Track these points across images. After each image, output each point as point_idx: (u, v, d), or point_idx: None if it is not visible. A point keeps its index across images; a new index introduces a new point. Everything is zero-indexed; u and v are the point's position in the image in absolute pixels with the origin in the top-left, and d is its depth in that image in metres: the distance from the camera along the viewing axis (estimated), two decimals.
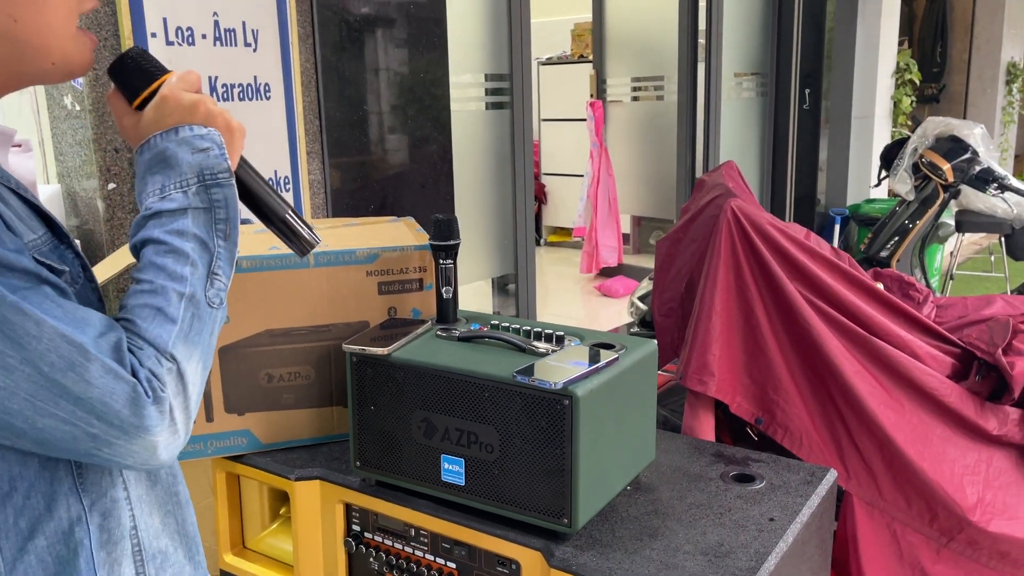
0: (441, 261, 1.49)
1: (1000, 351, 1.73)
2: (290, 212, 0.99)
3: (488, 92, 3.44)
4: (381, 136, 2.63)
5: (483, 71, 3.40)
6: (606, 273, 5.40)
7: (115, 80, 0.93)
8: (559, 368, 1.25)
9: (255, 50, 2.19)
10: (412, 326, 1.47)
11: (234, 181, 0.89)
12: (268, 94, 2.25)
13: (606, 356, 1.29)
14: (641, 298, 3.06)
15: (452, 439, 1.31)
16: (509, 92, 3.47)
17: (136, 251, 0.86)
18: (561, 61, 6.54)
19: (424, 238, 1.61)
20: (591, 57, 5.66)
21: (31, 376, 0.72)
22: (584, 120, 5.46)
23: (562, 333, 1.41)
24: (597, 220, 5.27)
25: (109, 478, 0.86)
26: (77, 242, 0.95)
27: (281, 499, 1.67)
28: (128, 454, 0.77)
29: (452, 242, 1.49)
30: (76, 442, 0.75)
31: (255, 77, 2.21)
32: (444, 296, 1.50)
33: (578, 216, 5.54)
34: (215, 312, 0.85)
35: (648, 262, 5.56)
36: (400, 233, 1.67)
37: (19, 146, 0.97)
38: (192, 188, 0.85)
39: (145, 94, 0.90)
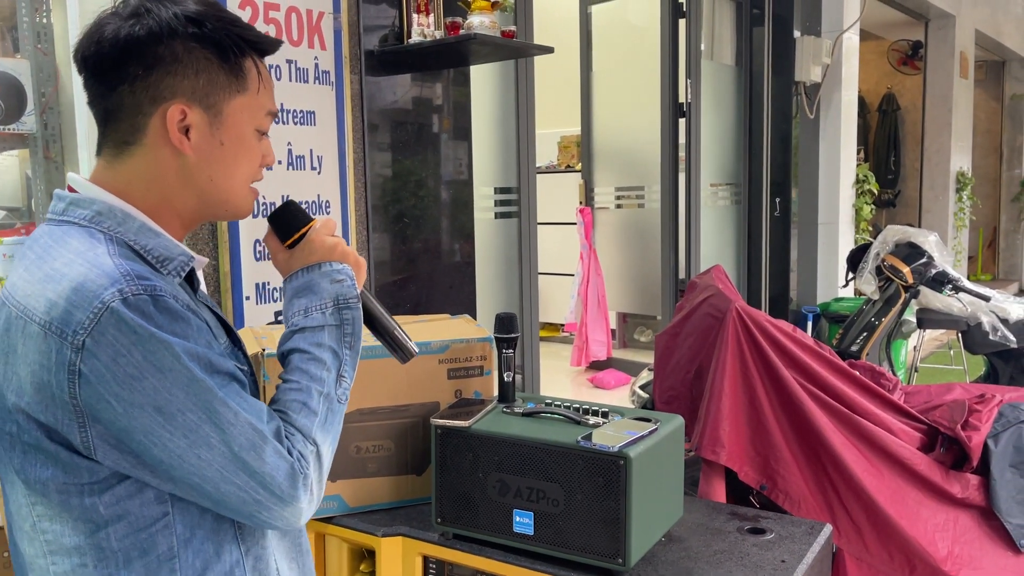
0: (504, 351, 1.81)
1: (959, 427, 2.07)
2: (398, 329, 1.23)
3: (498, 203, 3.83)
4: (417, 244, 2.99)
5: (493, 184, 3.80)
6: (596, 366, 5.71)
7: (272, 224, 1.15)
8: (613, 435, 1.56)
9: (319, 173, 2.56)
10: (480, 405, 1.77)
11: (360, 305, 1.10)
12: (328, 209, 2.60)
13: (647, 427, 1.61)
14: (643, 387, 3.37)
15: (523, 496, 1.60)
16: (517, 203, 3.86)
17: (283, 358, 1.07)
18: (550, 170, 7.02)
19: (483, 332, 1.93)
20: (577, 167, 6.11)
21: (225, 453, 0.92)
22: (573, 224, 5.87)
23: (607, 410, 1.73)
24: (587, 316, 5.62)
25: (261, 531, 1.06)
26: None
27: (358, 558, 1.92)
28: (279, 518, 0.97)
29: (513, 335, 1.81)
30: (244, 505, 0.94)
31: (318, 195, 2.56)
32: (505, 379, 1.81)
33: (570, 312, 5.88)
34: (342, 407, 1.06)
35: (634, 356, 5.90)
36: (463, 328, 2.00)
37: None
38: (329, 310, 1.06)
39: (295, 236, 1.13)
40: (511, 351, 1.81)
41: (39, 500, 0.94)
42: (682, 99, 5.10)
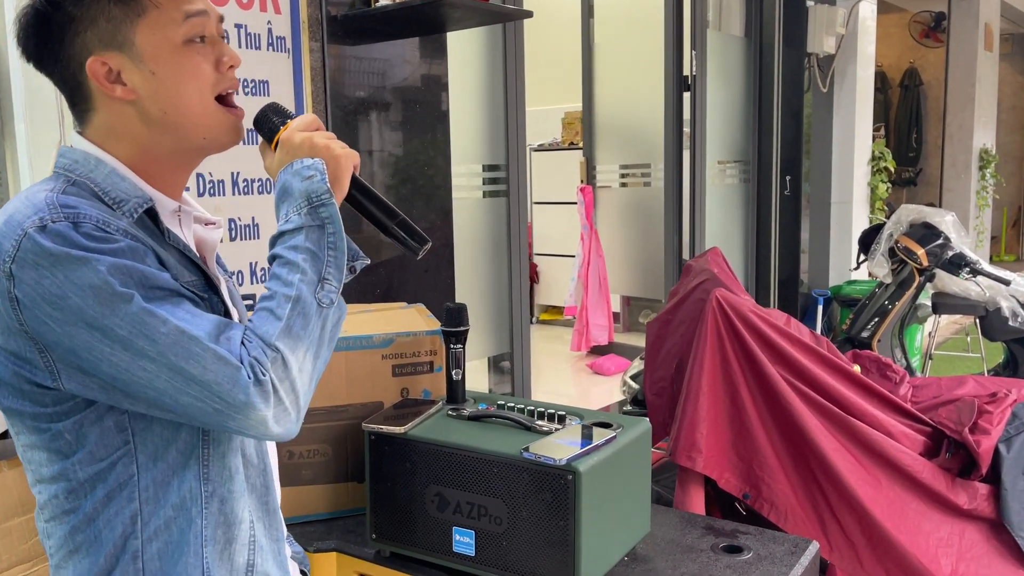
0: (452, 346, 1.62)
1: (967, 430, 1.86)
2: (405, 217, 1.15)
3: (486, 181, 3.63)
4: None
5: (481, 162, 3.60)
6: (597, 351, 5.53)
7: (257, 130, 1.14)
8: (562, 446, 1.37)
9: None
10: (424, 406, 1.59)
11: (335, 199, 1.05)
12: None
13: (605, 435, 1.42)
14: (633, 377, 3.19)
15: (463, 512, 1.42)
16: (506, 181, 3.66)
17: (269, 264, 1.06)
18: (552, 148, 6.80)
19: (434, 323, 1.75)
20: (581, 144, 5.90)
21: (166, 364, 0.92)
22: (575, 204, 5.67)
23: (563, 413, 1.53)
24: (588, 299, 5.43)
25: (228, 473, 1.06)
26: (225, 292, 1.16)
27: None
28: (247, 426, 0.95)
29: (462, 328, 1.62)
30: (207, 416, 0.94)
31: None
32: (454, 378, 1.63)
33: (569, 296, 5.69)
34: (326, 311, 1.02)
35: (637, 340, 5.69)
36: (412, 319, 1.81)
37: (213, 223, 1.16)
38: (304, 210, 1.03)
39: (275, 140, 1.11)
40: (460, 346, 1.63)
41: (22, 430, 1.02)
42: (687, 72, 4.87)
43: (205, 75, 1.05)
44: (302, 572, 1.39)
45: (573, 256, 5.77)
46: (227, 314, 1.10)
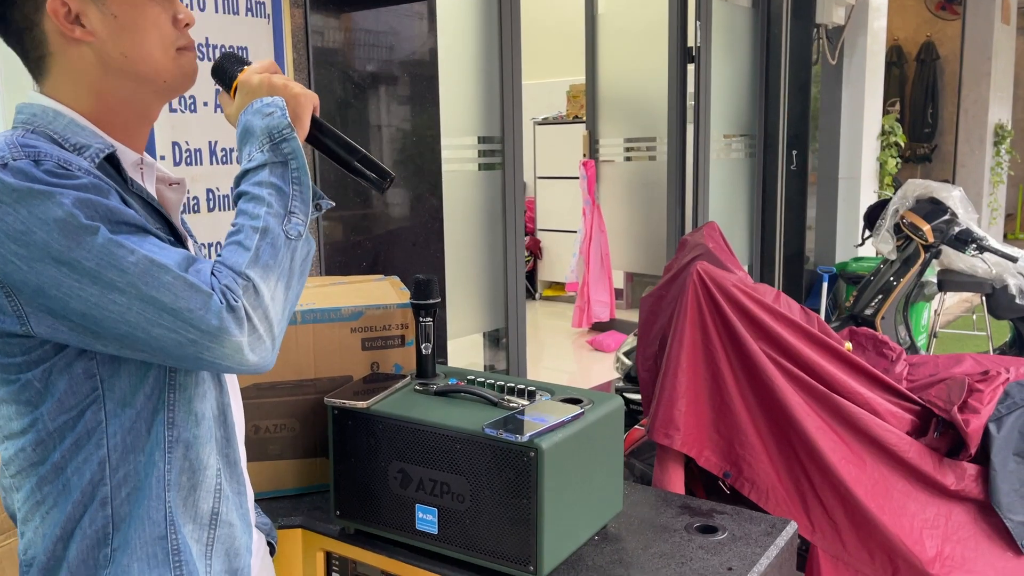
0: (421, 319, 1.57)
1: (956, 409, 1.80)
2: (365, 153, 1.16)
3: (481, 153, 3.57)
4: (374, 195, 2.75)
5: (476, 133, 3.53)
6: (598, 328, 5.48)
7: (216, 80, 1.14)
8: (526, 422, 1.32)
9: None
10: (392, 381, 1.55)
11: (296, 134, 1.05)
12: None
13: (572, 411, 1.37)
14: (626, 353, 3.14)
15: (426, 489, 1.38)
16: (501, 153, 3.60)
17: (234, 203, 1.05)
18: (556, 121, 6.72)
19: (407, 296, 1.70)
20: (584, 117, 5.82)
21: (137, 295, 0.91)
22: (577, 178, 5.60)
23: (534, 388, 1.49)
24: (589, 275, 5.37)
25: (194, 420, 1.05)
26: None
27: None
28: (223, 356, 0.94)
29: (431, 301, 1.57)
30: (182, 348, 0.93)
31: None
32: (423, 352, 1.58)
33: (571, 271, 5.64)
34: (294, 243, 1.02)
35: None
36: (384, 292, 1.76)
37: (177, 183, 1.16)
38: (266, 147, 1.03)
39: (234, 86, 1.11)
40: (430, 319, 1.58)
41: None
42: (691, 43, 4.77)
43: (164, 27, 1.06)
44: (268, 544, 1.37)
45: (576, 232, 5.71)
46: None
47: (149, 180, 1.11)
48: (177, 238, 1.08)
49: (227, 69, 1.13)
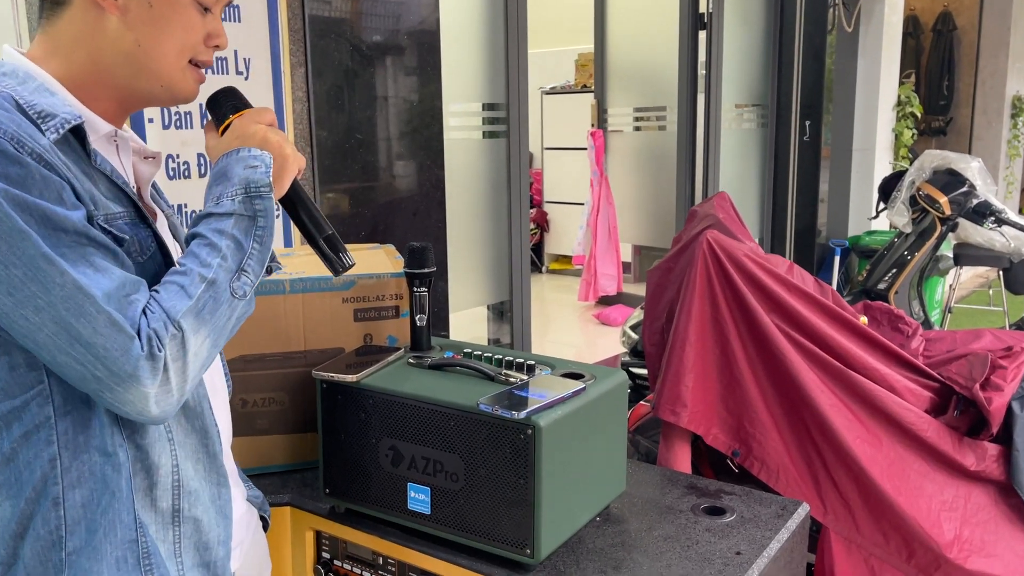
0: (415, 289, 1.50)
1: (978, 386, 1.72)
2: (334, 234, 1.13)
3: (486, 121, 3.47)
4: (373, 164, 2.66)
5: (481, 100, 3.44)
6: (605, 301, 5.40)
7: (209, 109, 1.11)
8: (524, 398, 1.25)
9: (247, 78, 2.23)
10: (385, 353, 1.48)
11: (273, 195, 1.03)
12: None
13: (572, 386, 1.30)
14: (633, 327, 3.06)
15: (419, 468, 1.31)
16: (506, 121, 3.50)
17: (187, 243, 1.00)
18: (564, 91, 6.59)
19: (401, 265, 1.62)
20: (593, 87, 5.70)
21: (54, 318, 0.86)
22: (585, 149, 5.49)
23: (533, 362, 1.41)
24: (596, 248, 5.28)
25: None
26: (164, 225, 1.11)
27: None
28: (125, 401, 0.89)
29: (426, 270, 1.50)
30: (85, 382, 0.89)
31: None
32: (418, 324, 1.51)
33: (577, 244, 5.55)
34: (237, 302, 0.98)
35: None
36: (378, 260, 1.69)
37: (152, 157, 1.12)
38: (239, 198, 1.00)
39: (226, 124, 1.08)
40: (425, 290, 1.51)
41: None
42: (703, 9, 4.64)
43: (193, 37, 1.02)
44: (261, 517, 1.31)
45: (583, 204, 5.61)
46: (161, 249, 1.04)
47: (125, 154, 1.07)
48: (142, 219, 1.03)
49: (225, 104, 1.10)
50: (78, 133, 0.97)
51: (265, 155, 1.03)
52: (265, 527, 1.34)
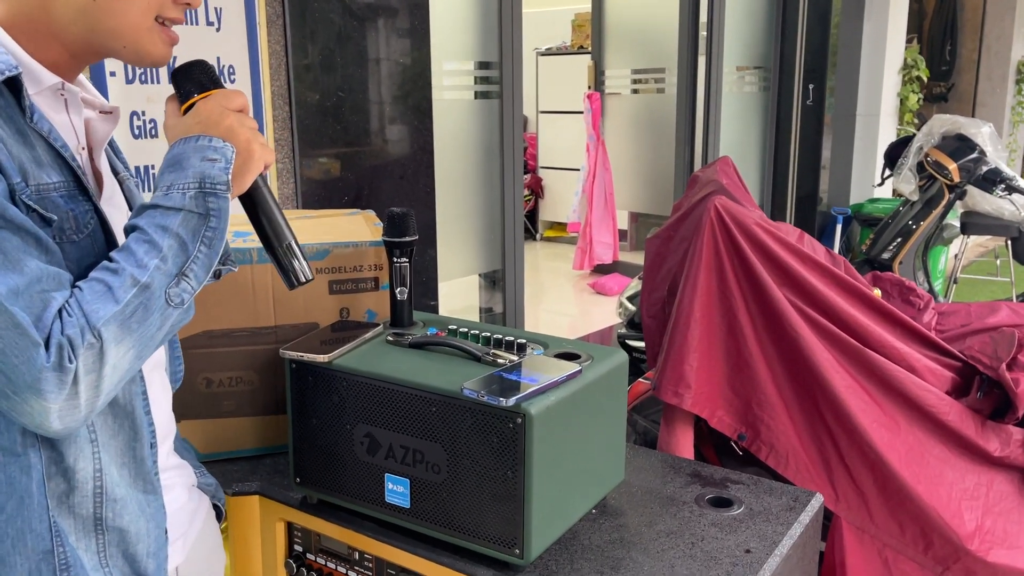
0: (395, 259, 1.37)
1: (1004, 366, 1.60)
2: (294, 243, 1.03)
3: (478, 80, 3.31)
4: (356, 124, 2.50)
5: (473, 58, 3.27)
6: (601, 270, 5.28)
7: (174, 84, 0.99)
8: (513, 382, 1.12)
9: (218, 30, 2.07)
10: (362, 330, 1.35)
11: (229, 195, 0.92)
12: (232, 78, 2.12)
13: (567, 368, 1.17)
14: (630, 298, 2.94)
15: (397, 457, 1.19)
16: (499, 81, 3.34)
17: (126, 234, 0.89)
18: (560, 52, 6.41)
19: (380, 233, 1.49)
20: (590, 48, 5.53)
21: None
22: (582, 112, 5.33)
23: (524, 341, 1.28)
24: (592, 216, 5.15)
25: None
26: (112, 196, 1.00)
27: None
28: (22, 412, 0.79)
29: (407, 239, 1.36)
30: None
31: (218, 59, 2.08)
32: (398, 297, 1.38)
33: (572, 211, 5.41)
34: (171, 310, 0.87)
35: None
36: (356, 227, 1.55)
37: (109, 112, 1.00)
38: (191, 192, 0.89)
39: (191, 102, 0.96)
40: (406, 260, 1.37)
41: None
42: None
43: None
44: (215, 506, 1.20)
45: (579, 170, 5.46)
46: (104, 226, 0.93)
47: (75, 110, 0.95)
48: (82, 190, 0.91)
49: (193, 80, 0.98)
50: (14, 85, 0.84)
51: (227, 148, 0.92)
52: (219, 517, 1.22)
